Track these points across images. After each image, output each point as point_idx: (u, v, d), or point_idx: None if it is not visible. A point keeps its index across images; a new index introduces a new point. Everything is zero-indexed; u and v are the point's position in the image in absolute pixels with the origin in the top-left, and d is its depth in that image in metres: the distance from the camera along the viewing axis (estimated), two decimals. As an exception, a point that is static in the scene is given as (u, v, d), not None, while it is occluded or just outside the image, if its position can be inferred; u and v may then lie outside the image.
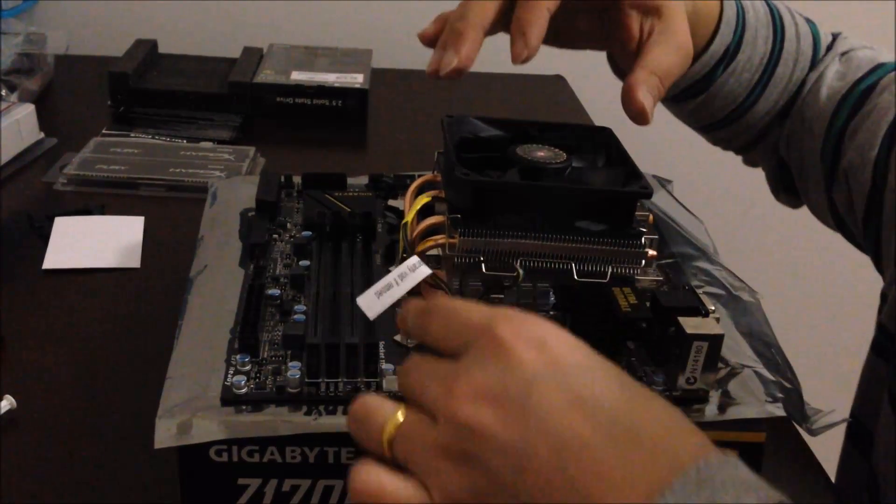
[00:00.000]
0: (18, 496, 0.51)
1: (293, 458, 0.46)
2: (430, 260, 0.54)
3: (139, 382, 0.59)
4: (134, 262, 0.74)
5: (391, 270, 0.55)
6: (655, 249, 0.55)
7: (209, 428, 0.44)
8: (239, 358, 0.48)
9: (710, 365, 0.47)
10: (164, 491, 0.51)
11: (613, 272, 0.50)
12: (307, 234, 0.60)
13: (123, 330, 0.66)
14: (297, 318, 0.51)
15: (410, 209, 0.54)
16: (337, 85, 1.06)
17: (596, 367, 0.35)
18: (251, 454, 0.45)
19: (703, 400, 0.48)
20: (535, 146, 0.53)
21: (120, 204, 0.83)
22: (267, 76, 1.07)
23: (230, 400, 0.46)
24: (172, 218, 0.81)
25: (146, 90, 1.04)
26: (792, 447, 0.60)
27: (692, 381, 0.48)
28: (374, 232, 0.60)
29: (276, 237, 0.61)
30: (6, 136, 0.87)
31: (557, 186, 0.50)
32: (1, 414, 0.56)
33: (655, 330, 0.49)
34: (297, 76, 1.07)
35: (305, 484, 0.47)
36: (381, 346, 0.49)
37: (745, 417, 0.47)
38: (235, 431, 0.45)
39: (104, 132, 0.97)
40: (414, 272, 0.48)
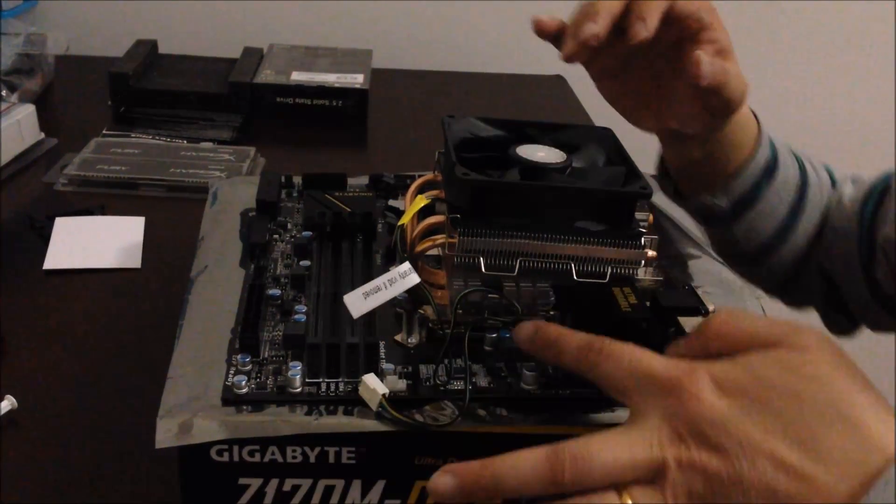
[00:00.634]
0: (19, 496, 0.52)
1: (294, 457, 0.46)
2: (429, 260, 0.54)
3: (140, 382, 0.59)
4: (134, 262, 0.74)
5: (392, 271, 0.56)
6: (655, 250, 0.55)
7: (210, 428, 0.45)
8: (240, 358, 0.48)
9: (710, 365, 0.47)
10: (165, 491, 0.51)
11: (613, 272, 0.50)
12: (307, 234, 0.60)
13: (124, 330, 0.66)
14: (297, 318, 0.51)
15: (408, 211, 0.54)
16: (337, 85, 1.06)
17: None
18: (252, 454, 0.46)
19: (703, 399, 0.48)
20: (535, 146, 0.53)
21: (120, 204, 0.83)
22: (267, 76, 1.07)
23: (231, 400, 0.46)
24: (173, 218, 0.81)
25: (146, 90, 1.04)
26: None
27: (692, 380, 0.48)
28: (374, 232, 0.60)
29: (276, 237, 0.61)
30: (7, 136, 0.88)
31: (557, 186, 0.50)
32: (2, 414, 0.56)
33: (656, 330, 0.49)
34: (297, 76, 1.07)
35: (306, 484, 0.47)
36: (381, 345, 0.49)
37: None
38: (236, 431, 0.45)
39: (104, 132, 0.97)
40: (404, 279, 0.48)
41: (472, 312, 0.51)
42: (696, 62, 0.55)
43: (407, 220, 0.53)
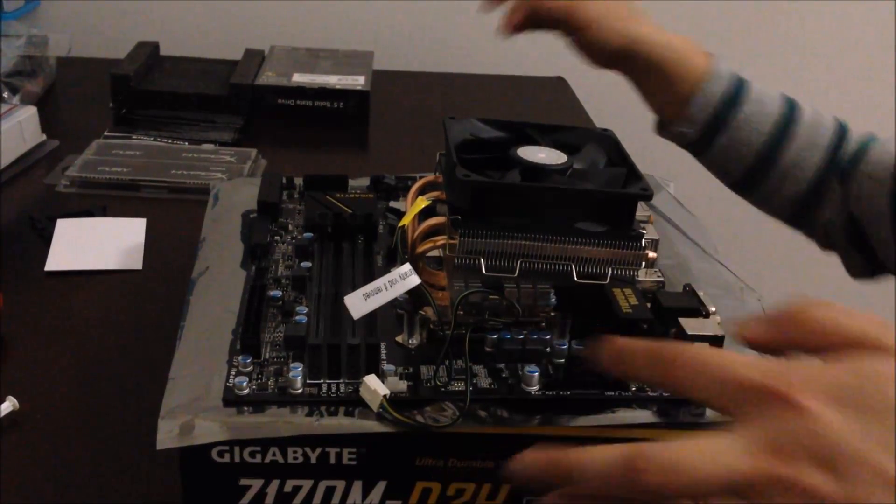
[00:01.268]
0: (20, 497, 0.52)
1: (295, 458, 0.46)
2: (430, 261, 0.54)
3: (141, 383, 0.59)
4: (136, 263, 0.74)
5: (392, 272, 0.56)
6: (656, 251, 0.55)
7: (211, 429, 0.45)
8: (241, 359, 0.49)
9: (710, 365, 0.47)
10: (166, 492, 0.51)
11: (614, 273, 0.50)
12: (309, 235, 0.60)
13: (125, 331, 0.66)
14: (298, 319, 0.51)
15: (409, 212, 0.54)
16: (338, 87, 1.06)
17: None
18: (253, 455, 0.46)
19: (703, 400, 0.48)
20: (536, 147, 0.53)
21: (122, 206, 0.83)
22: (268, 78, 1.07)
23: (232, 401, 0.46)
24: (174, 219, 0.81)
25: (148, 92, 1.04)
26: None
27: (693, 381, 0.48)
28: (375, 233, 0.60)
29: (277, 238, 0.61)
30: (8, 138, 0.88)
31: (558, 188, 0.51)
32: (3, 415, 0.56)
33: (656, 331, 0.49)
34: (298, 78, 1.07)
35: (307, 484, 0.47)
36: (382, 346, 0.49)
37: (745, 418, 0.47)
38: (237, 432, 0.45)
39: (106, 134, 0.97)
40: (404, 280, 0.48)
41: (472, 313, 0.51)
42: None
43: (408, 221, 0.53)
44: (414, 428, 0.45)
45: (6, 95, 0.97)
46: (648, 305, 0.50)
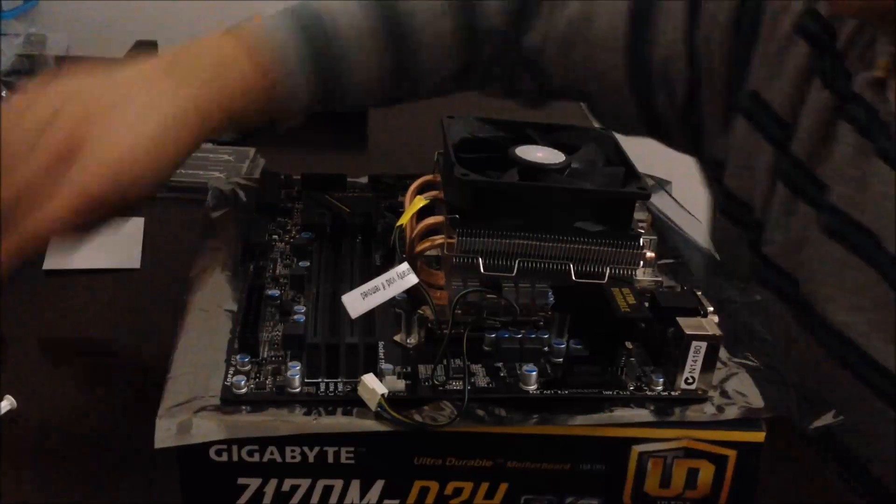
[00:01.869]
0: (18, 496, 0.52)
1: (293, 457, 0.46)
2: (429, 260, 0.54)
3: (139, 382, 0.59)
4: (134, 262, 0.74)
5: (390, 271, 0.56)
6: (654, 250, 0.55)
7: (209, 428, 0.45)
8: (239, 358, 0.49)
9: (708, 365, 0.47)
10: (164, 491, 0.51)
11: (612, 273, 0.50)
12: (307, 234, 0.60)
13: (123, 330, 0.66)
14: (296, 318, 0.51)
15: (406, 211, 0.54)
16: (337, 86, 1.06)
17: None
18: (251, 454, 0.46)
19: (702, 400, 0.48)
20: (534, 147, 0.53)
21: (120, 205, 0.83)
22: (267, 77, 1.07)
23: (230, 400, 0.46)
24: (172, 219, 0.81)
25: (146, 91, 1.04)
26: (791, 447, 0.60)
27: (691, 381, 0.48)
28: (373, 232, 0.60)
29: (275, 238, 0.61)
30: (6, 136, 0.87)
31: (556, 187, 0.51)
32: (1, 414, 0.56)
33: (654, 330, 0.49)
34: (297, 77, 1.07)
35: (305, 484, 0.47)
36: (380, 346, 0.49)
37: (744, 417, 0.48)
38: (235, 431, 0.45)
39: (104, 133, 0.97)
40: (402, 279, 0.48)
41: (470, 313, 0.51)
42: None
43: (405, 220, 0.53)
44: (412, 427, 0.45)
45: (4, 94, 0.97)
46: (646, 305, 0.50)
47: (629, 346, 0.50)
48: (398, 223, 0.53)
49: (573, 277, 0.49)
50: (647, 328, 0.50)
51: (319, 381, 0.47)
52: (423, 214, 0.54)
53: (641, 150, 0.66)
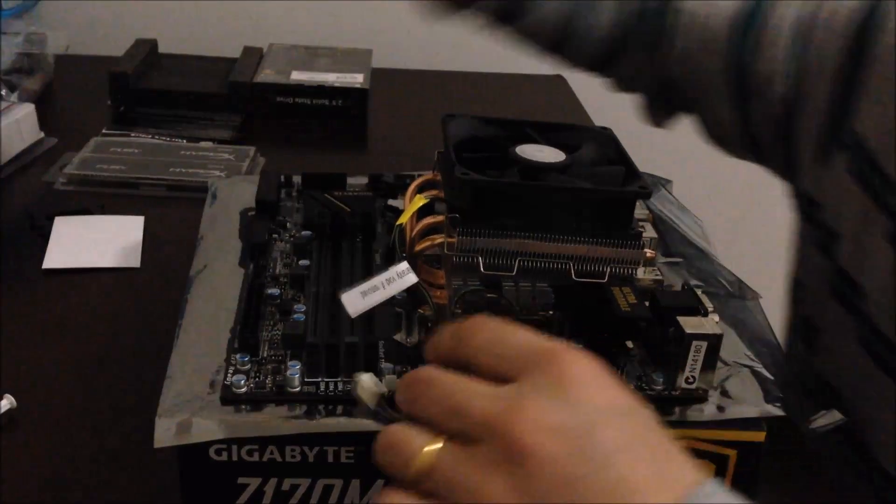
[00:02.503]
0: (18, 495, 0.52)
1: (293, 457, 0.46)
2: (429, 259, 0.54)
3: (139, 382, 0.59)
4: (134, 261, 0.74)
5: (390, 270, 0.56)
6: (654, 249, 0.55)
7: (209, 427, 0.45)
8: (238, 357, 0.48)
9: (709, 364, 0.47)
10: (163, 490, 0.51)
11: (612, 272, 0.50)
12: (307, 233, 0.60)
13: (123, 329, 0.66)
14: (296, 317, 0.51)
15: (406, 210, 0.54)
16: (337, 85, 1.06)
17: (637, 408, 0.37)
18: (251, 453, 0.46)
19: (702, 399, 0.48)
20: (534, 146, 0.53)
21: (120, 203, 0.83)
22: (267, 76, 1.07)
23: (230, 399, 0.46)
24: (172, 218, 0.81)
25: (146, 90, 1.04)
26: (790, 446, 0.60)
27: (691, 380, 0.48)
28: (373, 232, 0.60)
29: (275, 237, 0.61)
30: (6, 135, 0.88)
31: (556, 186, 0.50)
32: (1, 413, 0.56)
33: (655, 330, 0.49)
34: (297, 76, 1.07)
35: (305, 483, 0.47)
36: (380, 345, 0.49)
37: (744, 417, 0.47)
38: (235, 431, 0.45)
39: (104, 132, 0.97)
40: (401, 278, 0.48)
41: (470, 312, 0.51)
42: None
43: (405, 219, 0.53)
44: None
45: (4, 93, 0.97)
46: (647, 304, 0.50)
47: (629, 345, 0.50)
48: (398, 222, 0.53)
49: (573, 277, 0.49)
50: (647, 328, 0.50)
51: (319, 380, 0.47)
52: (423, 213, 0.54)
53: (642, 149, 0.66)
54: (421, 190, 0.56)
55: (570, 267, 0.49)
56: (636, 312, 0.49)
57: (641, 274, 0.54)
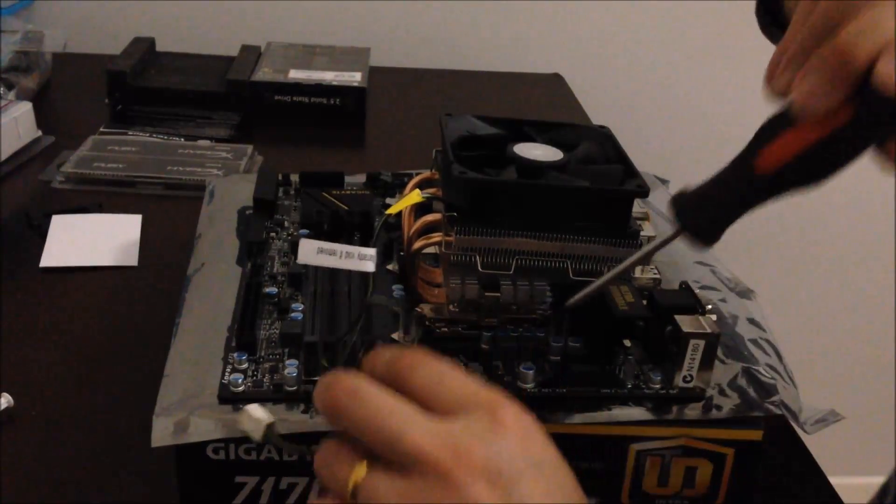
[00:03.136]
0: (16, 494, 0.51)
1: (290, 456, 0.46)
2: (427, 258, 0.54)
3: (136, 380, 0.59)
4: (131, 260, 0.74)
5: (388, 269, 0.56)
6: (653, 248, 0.54)
7: (206, 426, 0.45)
8: (236, 356, 0.48)
9: (706, 363, 0.47)
10: (161, 489, 0.51)
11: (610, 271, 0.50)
12: (305, 232, 0.60)
13: (121, 328, 0.66)
14: (294, 316, 0.51)
15: (399, 202, 0.53)
16: (335, 83, 1.06)
17: (561, 464, 0.38)
18: (248, 452, 0.46)
19: (700, 398, 0.48)
20: (532, 145, 0.53)
21: (117, 202, 0.83)
22: (265, 74, 1.07)
23: (227, 398, 0.46)
24: (170, 216, 0.81)
25: (144, 88, 1.04)
26: (789, 445, 0.60)
27: (689, 379, 0.48)
28: (371, 230, 0.60)
29: (273, 235, 0.61)
30: (4, 134, 0.87)
31: (554, 185, 0.50)
32: (-2, 412, 0.56)
33: (652, 328, 0.49)
34: (295, 74, 1.07)
35: (302, 482, 0.47)
36: (378, 344, 0.49)
37: (742, 415, 0.47)
38: (232, 430, 0.45)
39: (102, 130, 0.97)
40: (360, 260, 0.48)
41: (468, 311, 0.51)
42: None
43: (395, 210, 0.53)
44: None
45: (2, 91, 0.97)
46: (645, 303, 0.50)
47: (627, 344, 0.50)
48: (388, 211, 0.53)
49: (571, 275, 0.49)
50: (645, 326, 0.50)
51: (317, 378, 0.47)
52: (421, 212, 0.53)
53: (639, 147, 0.66)
54: (420, 188, 0.56)
55: (567, 265, 0.49)
56: (634, 311, 0.49)
57: (639, 273, 0.54)
